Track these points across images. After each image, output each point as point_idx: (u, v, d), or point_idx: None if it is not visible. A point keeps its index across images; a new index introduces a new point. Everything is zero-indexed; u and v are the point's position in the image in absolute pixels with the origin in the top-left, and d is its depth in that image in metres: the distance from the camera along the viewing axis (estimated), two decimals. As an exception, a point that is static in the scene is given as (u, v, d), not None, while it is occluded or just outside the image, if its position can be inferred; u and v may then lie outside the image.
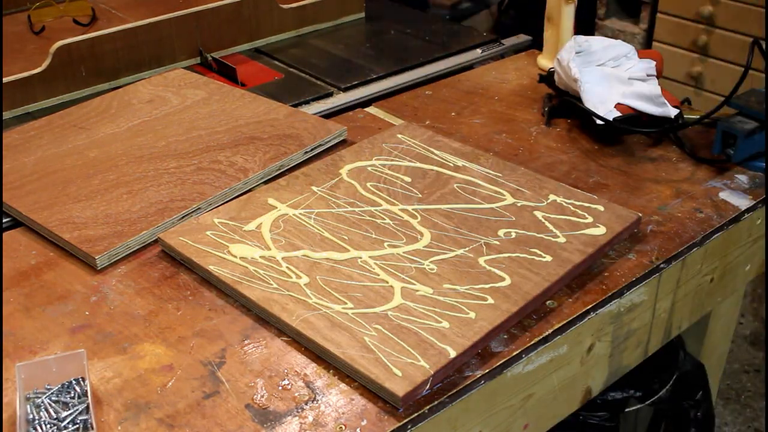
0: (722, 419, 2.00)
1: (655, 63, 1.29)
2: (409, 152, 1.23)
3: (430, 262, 0.99)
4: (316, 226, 1.06)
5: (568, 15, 1.42)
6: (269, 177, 1.19)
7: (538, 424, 0.99)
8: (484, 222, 1.07)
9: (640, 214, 1.07)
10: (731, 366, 2.11)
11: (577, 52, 1.28)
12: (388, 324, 0.90)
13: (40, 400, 0.82)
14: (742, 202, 1.14)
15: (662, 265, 1.04)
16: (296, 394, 0.84)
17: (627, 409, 1.36)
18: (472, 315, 0.91)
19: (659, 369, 1.36)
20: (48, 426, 0.79)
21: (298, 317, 0.91)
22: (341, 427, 0.81)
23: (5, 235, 1.09)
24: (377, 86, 1.49)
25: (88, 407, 0.81)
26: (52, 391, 0.83)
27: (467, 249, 1.01)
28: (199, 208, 1.11)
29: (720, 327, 1.44)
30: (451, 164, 1.19)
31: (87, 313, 0.95)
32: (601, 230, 1.05)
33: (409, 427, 0.82)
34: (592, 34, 1.47)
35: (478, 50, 1.64)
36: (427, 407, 0.83)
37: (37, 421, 0.80)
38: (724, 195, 1.16)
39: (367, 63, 1.58)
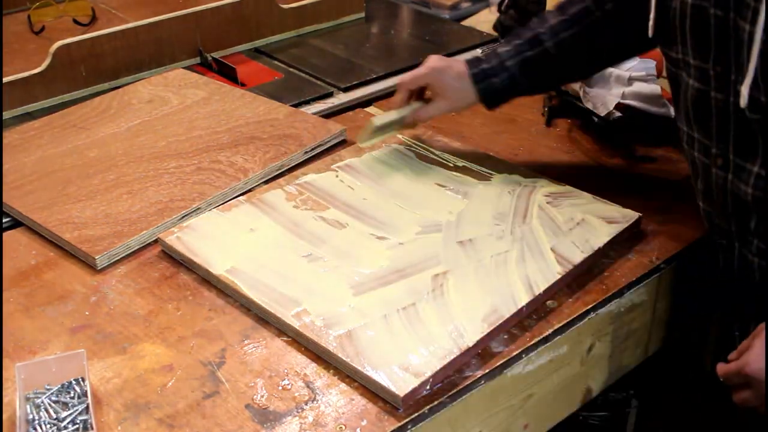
0: (722, 419, 1.99)
1: (655, 63, 1.28)
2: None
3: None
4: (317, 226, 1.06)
5: (568, 15, 1.41)
6: (269, 177, 1.19)
7: (538, 424, 0.99)
8: (484, 222, 1.07)
9: (640, 214, 1.07)
10: (731, 366, 2.10)
11: (577, 52, 1.28)
12: (388, 324, 0.90)
13: (39, 400, 0.82)
14: (742, 202, 1.14)
15: (662, 265, 1.04)
16: (296, 394, 0.84)
17: (627, 409, 1.36)
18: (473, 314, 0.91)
19: (659, 369, 1.36)
20: (48, 426, 0.79)
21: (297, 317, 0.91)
22: (341, 427, 0.81)
23: (5, 235, 1.09)
24: (377, 86, 1.49)
25: (87, 407, 0.81)
26: (51, 391, 0.83)
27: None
28: (199, 208, 1.11)
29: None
30: (452, 164, 1.19)
31: (87, 313, 0.95)
32: None
33: (409, 427, 0.82)
34: (592, 34, 1.46)
35: (478, 50, 1.64)
36: (427, 407, 0.83)
37: (37, 421, 0.80)
38: (724, 195, 1.16)
39: (367, 63, 1.58)
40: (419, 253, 1.01)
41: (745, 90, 0.84)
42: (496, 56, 1.12)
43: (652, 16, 0.98)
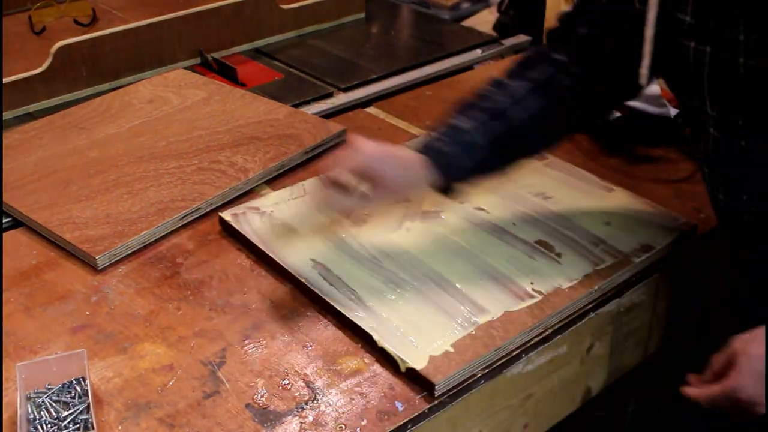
0: (722, 419, 1.99)
1: (654, 63, 1.29)
2: None
3: None
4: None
5: (568, 15, 1.42)
6: (269, 177, 1.20)
7: (538, 424, 0.99)
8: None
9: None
10: (731, 366, 2.10)
11: (577, 53, 1.28)
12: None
13: (40, 399, 0.82)
14: (742, 202, 1.14)
15: (662, 265, 1.04)
16: (296, 394, 0.84)
17: (627, 408, 1.36)
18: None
19: (660, 369, 1.36)
20: (49, 425, 0.79)
21: None
22: (341, 427, 0.81)
23: (6, 235, 1.09)
24: (377, 86, 1.49)
25: (88, 407, 0.81)
26: (52, 390, 0.83)
27: None
28: (200, 208, 1.11)
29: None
30: None
31: (87, 312, 0.95)
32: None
33: (409, 426, 0.82)
34: (592, 35, 1.47)
35: (478, 50, 1.64)
36: (427, 407, 0.83)
37: (37, 421, 0.80)
38: (723, 195, 1.16)
39: (367, 63, 1.58)
40: None
41: None
42: (462, 133, 0.94)
43: (645, 64, 0.88)
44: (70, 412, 0.81)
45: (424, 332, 0.89)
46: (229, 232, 1.08)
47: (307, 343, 0.91)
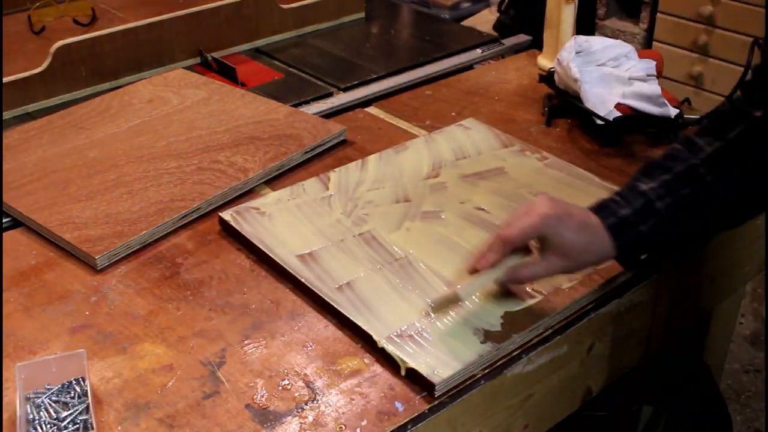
0: (722, 419, 1.99)
1: (655, 63, 1.29)
2: None
3: None
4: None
5: (567, 15, 1.42)
6: (269, 177, 1.20)
7: (538, 424, 0.99)
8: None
9: None
10: (731, 366, 2.11)
11: (577, 52, 1.28)
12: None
13: (40, 400, 0.82)
14: (742, 202, 1.14)
15: (662, 265, 1.04)
16: (296, 394, 0.84)
17: (633, 408, 1.36)
18: None
19: (662, 370, 1.36)
20: (48, 426, 0.79)
21: None
22: (341, 427, 0.81)
23: (5, 235, 1.09)
24: (377, 86, 1.49)
25: (88, 407, 0.81)
26: (52, 391, 0.83)
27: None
28: (199, 208, 1.11)
29: (720, 327, 1.44)
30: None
31: (87, 313, 0.95)
32: None
33: (409, 427, 0.82)
34: (592, 34, 1.47)
35: (478, 50, 1.64)
36: (427, 407, 0.83)
37: (37, 421, 0.80)
38: (724, 195, 1.15)
39: (367, 63, 1.58)
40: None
41: None
42: (639, 195, 0.87)
43: None
44: (69, 412, 0.81)
45: (424, 332, 0.89)
46: (229, 232, 1.08)
47: (307, 343, 0.91)
